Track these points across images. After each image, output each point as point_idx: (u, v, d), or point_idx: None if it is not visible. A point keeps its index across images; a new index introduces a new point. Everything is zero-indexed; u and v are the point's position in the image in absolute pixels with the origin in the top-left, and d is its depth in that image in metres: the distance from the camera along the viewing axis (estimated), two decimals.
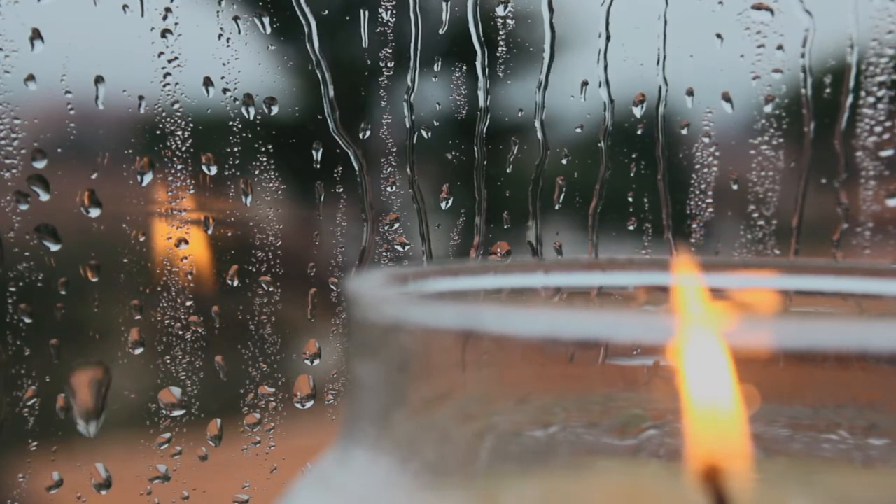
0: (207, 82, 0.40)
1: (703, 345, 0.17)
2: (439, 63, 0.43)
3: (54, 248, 0.37)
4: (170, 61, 0.39)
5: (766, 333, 0.17)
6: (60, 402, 0.38)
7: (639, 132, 0.44)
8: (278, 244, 0.41)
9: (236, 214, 0.41)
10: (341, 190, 0.42)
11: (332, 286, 0.42)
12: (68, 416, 0.38)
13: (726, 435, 0.18)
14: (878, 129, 0.45)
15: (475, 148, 0.43)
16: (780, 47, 0.44)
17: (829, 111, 0.45)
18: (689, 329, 0.17)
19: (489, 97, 0.43)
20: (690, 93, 0.44)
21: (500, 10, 0.43)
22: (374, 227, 0.43)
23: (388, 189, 0.43)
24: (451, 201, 0.43)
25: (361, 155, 0.42)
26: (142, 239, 0.39)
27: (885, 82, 0.44)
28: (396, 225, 0.43)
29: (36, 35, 0.36)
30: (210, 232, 0.41)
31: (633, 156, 0.45)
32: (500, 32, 0.43)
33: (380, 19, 0.42)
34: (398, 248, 0.43)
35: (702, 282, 0.24)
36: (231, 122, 0.40)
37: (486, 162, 0.43)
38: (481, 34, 0.42)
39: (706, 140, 0.45)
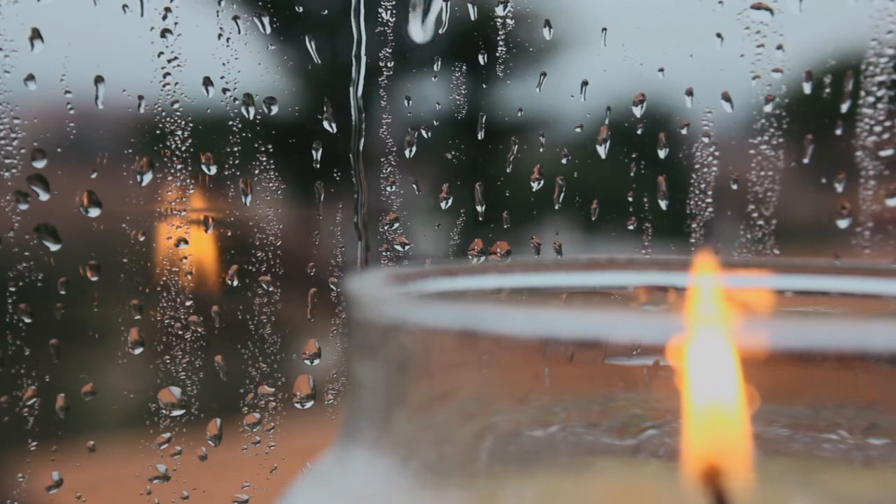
0: (207, 82, 0.40)
1: (703, 345, 0.17)
2: (439, 63, 0.43)
3: (54, 247, 0.37)
4: (170, 61, 0.39)
5: (766, 333, 0.17)
6: (60, 401, 0.38)
7: (639, 132, 0.44)
8: (278, 244, 0.41)
9: (236, 214, 0.41)
10: (341, 190, 0.42)
11: (332, 286, 0.42)
12: (68, 415, 0.38)
13: (726, 435, 0.18)
14: (877, 129, 0.45)
15: (475, 148, 0.43)
16: (780, 47, 0.44)
17: (829, 111, 0.45)
18: (688, 329, 0.17)
19: (487, 98, 0.43)
20: (690, 93, 0.44)
21: (499, 10, 0.43)
22: (374, 227, 0.43)
23: (388, 189, 0.43)
24: (450, 201, 0.43)
25: (359, 154, 0.42)
26: (142, 239, 0.39)
27: (884, 82, 0.44)
28: (396, 225, 0.43)
29: (36, 35, 0.36)
30: (210, 232, 0.41)
31: (633, 156, 0.45)
32: (500, 32, 0.43)
33: (380, 19, 0.42)
34: (398, 247, 0.43)
35: (702, 282, 0.24)
36: (231, 122, 0.40)
37: (483, 161, 0.43)
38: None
39: (706, 140, 0.45)
